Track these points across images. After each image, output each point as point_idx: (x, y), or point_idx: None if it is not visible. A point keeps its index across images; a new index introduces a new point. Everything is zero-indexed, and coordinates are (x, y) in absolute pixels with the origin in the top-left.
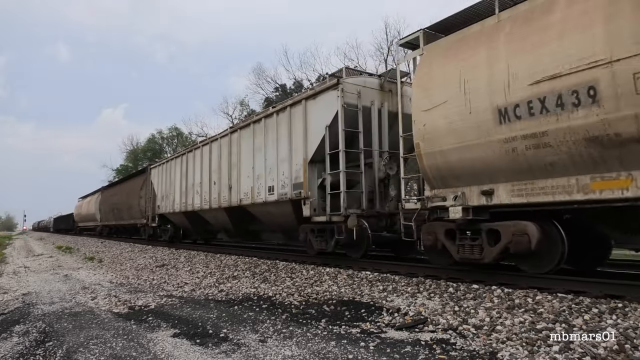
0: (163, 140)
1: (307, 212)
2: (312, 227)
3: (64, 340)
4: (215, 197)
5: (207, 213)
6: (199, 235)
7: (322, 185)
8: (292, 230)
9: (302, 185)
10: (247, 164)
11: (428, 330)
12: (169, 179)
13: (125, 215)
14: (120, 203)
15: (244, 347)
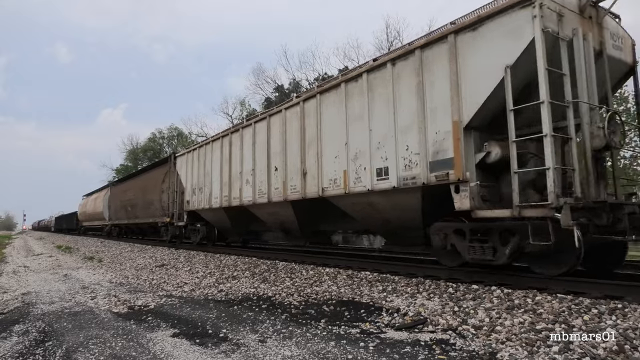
0: (163, 139)
1: (465, 204)
2: (460, 226)
3: (64, 339)
4: (278, 188)
5: (262, 208)
6: (240, 236)
7: (482, 163)
8: (409, 231)
9: (451, 162)
10: (334, 139)
11: (428, 330)
12: (202, 168)
13: (141, 213)
14: (134, 199)
15: (243, 347)
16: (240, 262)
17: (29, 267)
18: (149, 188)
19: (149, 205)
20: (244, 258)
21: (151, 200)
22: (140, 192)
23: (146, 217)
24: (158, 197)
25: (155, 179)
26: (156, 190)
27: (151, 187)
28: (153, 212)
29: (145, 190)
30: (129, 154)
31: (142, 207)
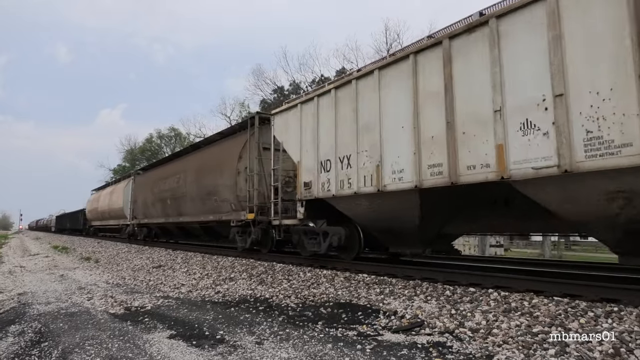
0: (161, 139)
1: None
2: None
3: (60, 340)
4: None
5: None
6: (428, 243)
7: None
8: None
9: None
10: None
11: (425, 333)
12: (345, 125)
13: (192, 208)
14: (178, 189)
15: (240, 349)
16: (238, 263)
17: (25, 267)
18: (210, 170)
19: (210, 196)
20: (242, 260)
21: (215, 187)
22: (191, 177)
23: (202, 214)
24: (231, 182)
25: (224, 157)
26: (226, 173)
27: (214, 169)
28: (218, 207)
29: (202, 174)
30: (127, 154)
31: (194, 200)
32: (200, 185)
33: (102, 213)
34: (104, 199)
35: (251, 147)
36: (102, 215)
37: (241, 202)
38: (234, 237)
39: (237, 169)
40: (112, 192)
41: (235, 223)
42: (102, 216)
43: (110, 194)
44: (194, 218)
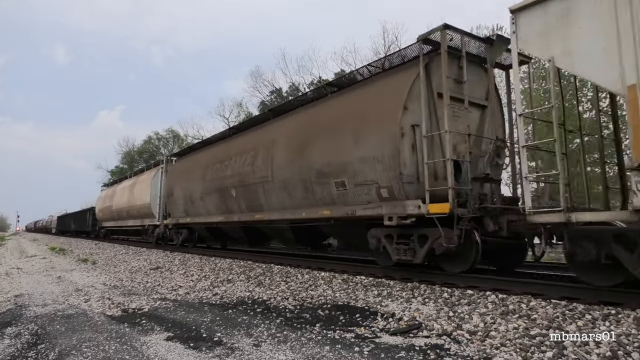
0: (159, 141)
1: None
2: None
3: (57, 342)
4: None
5: None
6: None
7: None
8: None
9: None
10: None
11: (422, 335)
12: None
13: (284, 199)
14: (254, 173)
15: (237, 351)
16: (236, 265)
17: (22, 268)
18: (330, 134)
19: (324, 178)
20: (239, 261)
21: (338, 164)
22: (281, 152)
23: (306, 207)
24: (384, 152)
25: (367, 110)
26: (373, 137)
27: (339, 132)
28: (344, 195)
29: (310, 144)
30: (125, 155)
31: (288, 186)
32: (303, 163)
33: (118, 212)
34: (121, 194)
35: (427, 89)
36: (117, 214)
37: (405, 185)
38: (380, 246)
39: (399, 128)
40: (133, 185)
41: (397, 221)
42: (117, 215)
43: (130, 189)
44: (285, 215)
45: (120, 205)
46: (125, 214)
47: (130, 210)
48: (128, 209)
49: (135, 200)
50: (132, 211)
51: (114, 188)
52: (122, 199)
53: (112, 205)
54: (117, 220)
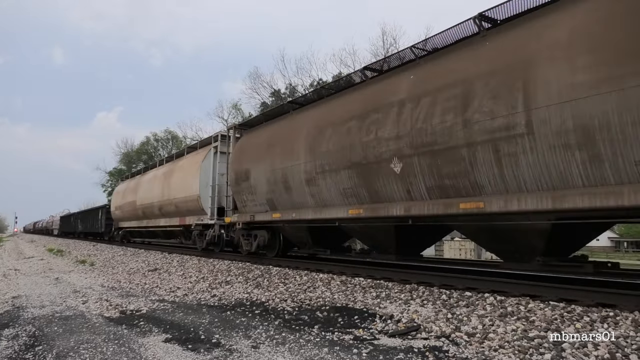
0: (158, 142)
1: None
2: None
3: (54, 344)
4: None
5: None
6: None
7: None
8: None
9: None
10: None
11: (421, 337)
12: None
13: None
14: (487, 117)
15: (236, 352)
16: (234, 267)
17: (20, 270)
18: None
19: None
20: (238, 263)
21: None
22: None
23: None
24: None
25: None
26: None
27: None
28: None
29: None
30: (123, 156)
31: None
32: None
33: (146, 209)
34: (149, 186)
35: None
36: (144, 211)
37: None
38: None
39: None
40: (170, 173)
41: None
42: (143, 213)
43: (164, 178)
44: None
45: (148, 200)
46: (157, 211)
47: (165, 205)
48: (161, 204)
49: (175, 192)
50: (167, 207)
51: (137, 180)
52: (151, 192)
53: (135, 200)
54: (142, 220)
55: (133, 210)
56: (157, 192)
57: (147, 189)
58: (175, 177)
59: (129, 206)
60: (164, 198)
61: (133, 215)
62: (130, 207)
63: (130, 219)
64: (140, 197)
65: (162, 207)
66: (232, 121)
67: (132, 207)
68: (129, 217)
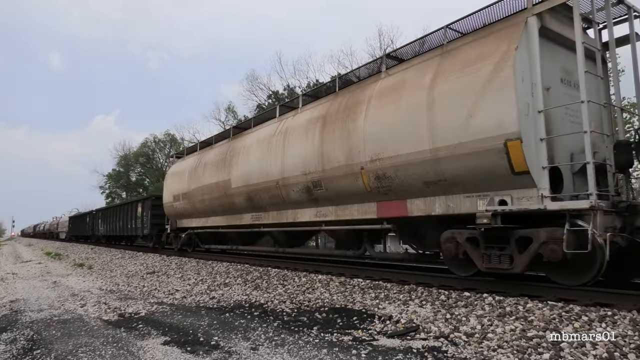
0: (156, 144)
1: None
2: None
3: (53, 348)
4: None
5: None
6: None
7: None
8: None
9: None
10: None
11: (420, 337)
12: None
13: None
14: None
15: (235, 354)
16: (233, 269)
17: (18, 274)
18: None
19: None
20: (237, 265)
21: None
22: None
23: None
24: None
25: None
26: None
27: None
28: None
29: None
30: (121, 159)
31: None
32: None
33: (256, 192)
34: (268, 152)
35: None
36: (248, 199)
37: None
38: None
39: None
40: (387, 103)
41: None
42: (246, 202)
43: (341, 124)
44: None
45: (276, 174)
46: (302, 193)
47: (337, 178)
48: (330, 175)
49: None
50: (347, 182)
51: (222, 148)
52: (282, 160)
53: (227, 180)
54: (242, 213)
55: (219, 198)
56: (313, 156)
57: (265, 156)
58: (404, 105)
59: (211, 192)
60: (350, 162)
61: (218, 207)
62: (211, 193)
63: (208, 215)
64: (246, 171)
65: (322, 182)
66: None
67: (219, 192)
68: (206, 211)
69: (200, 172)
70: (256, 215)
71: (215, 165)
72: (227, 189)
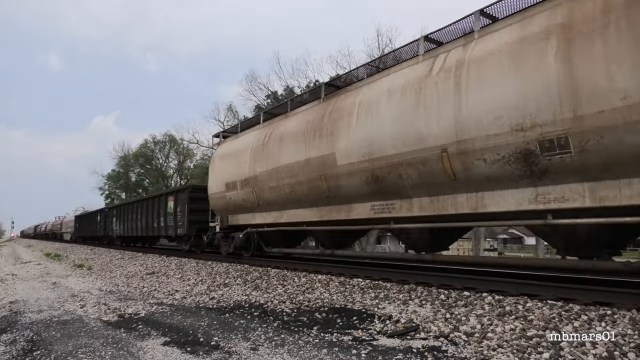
0: (156, 145)
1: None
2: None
3: (52, 349)
4: None
5: None
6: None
7: None
8: None
9: None
10: None
11: (420, 337)
12: None
13: None
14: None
15: (235, 355)
16: (232, 269)
17: (17, 275)
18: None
19: None
20: (236, 265)
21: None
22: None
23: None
24: None
25: None
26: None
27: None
28: None
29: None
30: (121, 160)
31: None
32: None
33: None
34: (390, 107)
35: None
36: (369, 178)
37: None
38: None
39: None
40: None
41: None
42: (366, 184)
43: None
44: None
45: (437, 134)
46: (509, 158)
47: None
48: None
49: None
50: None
51: (317, 109)
52: (465, 103)
53: (330, 154)
54: (354, 203)
55: (310, 182)
56: (548, 93)
57: (410, 111)
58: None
59: (294, 174)
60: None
61: (306, 195)
62: (295, 176)
63: (286, 205)
64: (368, 139)
65: (570, 139)
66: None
67: (311, 173)
68: (282, 202)
69: (273, 149)
70: (382, 205)
71: (301, 137)
72: (329, 168)
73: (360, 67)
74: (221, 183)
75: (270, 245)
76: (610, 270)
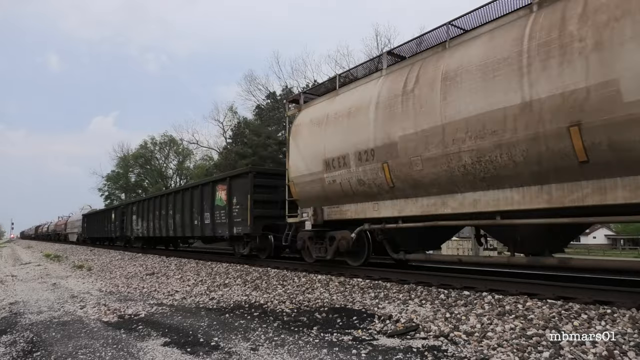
0: (155, 146)
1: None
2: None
3: (52, 350)
4: None
5: None
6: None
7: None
8: None
9: None
10: None
11: (420, 337)
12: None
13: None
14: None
15: (235, 355)
16: (232, 269)
17: (17, 276)
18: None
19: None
20: (236, 265)
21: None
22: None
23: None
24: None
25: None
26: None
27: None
28: None
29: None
30: (120, 160)
31: None
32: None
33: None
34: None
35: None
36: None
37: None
38: None
39: None
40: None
41: None
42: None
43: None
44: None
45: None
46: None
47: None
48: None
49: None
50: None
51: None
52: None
53: (609, 81)
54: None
55: (530, 142)
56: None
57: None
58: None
59: (488, 134)
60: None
61: (516, 167)
62: (488, 136)
63: (456, 187)
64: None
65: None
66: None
67: (538, 128)
68: (445, 182)
69: (430, 97)
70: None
71: (506, 67)
72: (593, 112)
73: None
74: (315, 160)
75: (401, 248)
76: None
